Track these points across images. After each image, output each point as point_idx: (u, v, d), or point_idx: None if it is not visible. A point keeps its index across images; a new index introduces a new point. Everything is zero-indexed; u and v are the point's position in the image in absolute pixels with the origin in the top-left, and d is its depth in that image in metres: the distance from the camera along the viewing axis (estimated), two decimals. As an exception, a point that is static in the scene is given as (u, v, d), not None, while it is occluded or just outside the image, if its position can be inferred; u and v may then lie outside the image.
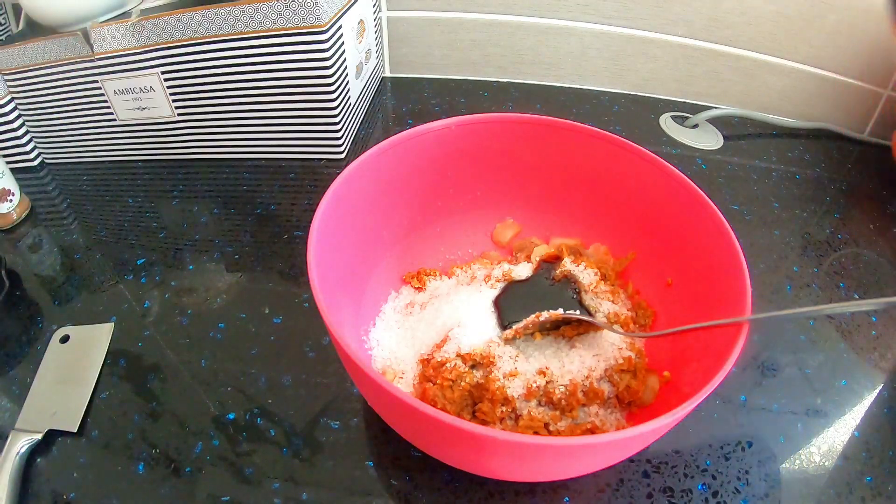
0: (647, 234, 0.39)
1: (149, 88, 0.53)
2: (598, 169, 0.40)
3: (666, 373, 0.33)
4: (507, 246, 0.44)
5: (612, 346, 0.35)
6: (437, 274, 0.42)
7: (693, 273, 0.35)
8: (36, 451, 0.34)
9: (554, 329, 0.36)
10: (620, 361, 0.34)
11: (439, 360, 0.33)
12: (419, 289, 0.41)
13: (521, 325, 0.35)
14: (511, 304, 0.36)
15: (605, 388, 0.34)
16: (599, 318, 0.36)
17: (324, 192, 0.33)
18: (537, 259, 0.40)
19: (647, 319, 0.38)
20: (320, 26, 0.48)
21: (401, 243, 0.41)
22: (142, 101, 0.54)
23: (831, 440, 0.36)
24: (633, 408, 0.34)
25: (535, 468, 0.27)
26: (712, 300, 0.32)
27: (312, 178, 0.57)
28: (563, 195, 0.42)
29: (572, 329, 0.36)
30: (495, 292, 0.38)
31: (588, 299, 0.37)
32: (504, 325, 0.35)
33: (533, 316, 0.35)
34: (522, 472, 0.28)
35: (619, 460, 0.32)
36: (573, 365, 0.34)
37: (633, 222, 0.40)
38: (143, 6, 0.51)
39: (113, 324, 0.42)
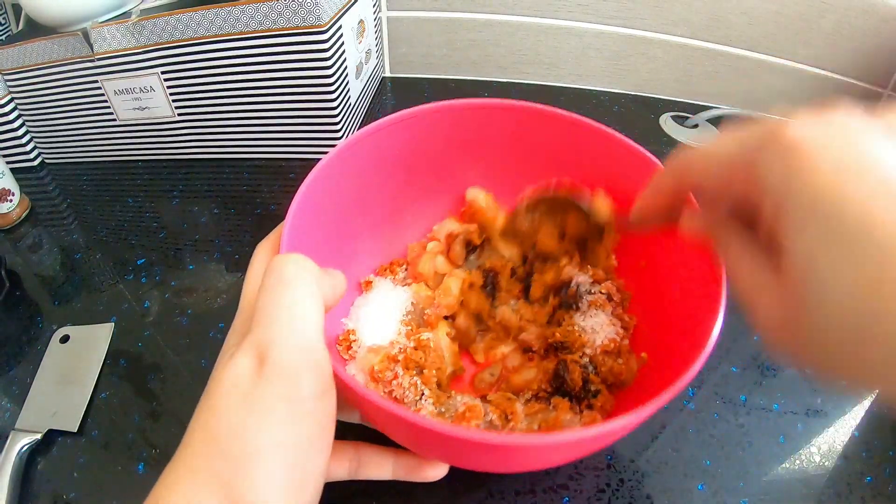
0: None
1: (149, 88, 0.53)
2: (569, 151, 0.38)
3: (643, 354, 0.34)
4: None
5: (601, 326, 0.35)
6: (405, 267, 0.42)
7: (670, 257, 0.35)
8: (36, 451, 0.34)
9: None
10: (606, 342, 0.34)
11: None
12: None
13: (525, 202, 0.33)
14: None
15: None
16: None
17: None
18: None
19: (625, 301, 0.38)
20: (320, 26, 0.48)
21: (375, 234, 0.41)
22: (142, 101, 0.54)
23: (831, 440, 0.36)
24: (613, 389, 0.34)
25: (504, 463, 0.28)
26: (688, 285, 0.32)
27: (312, 178, 0.57)
28: (534, 177, 0.41)
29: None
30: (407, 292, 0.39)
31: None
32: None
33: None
34: (491, 465, 0.29)
35: (591, 451, 0.32)
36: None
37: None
38: (143, 6, 0.51)
39: (113, 324, 0.42)
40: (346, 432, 0.31)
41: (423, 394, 0.32)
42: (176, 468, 0.20)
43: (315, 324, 0.22)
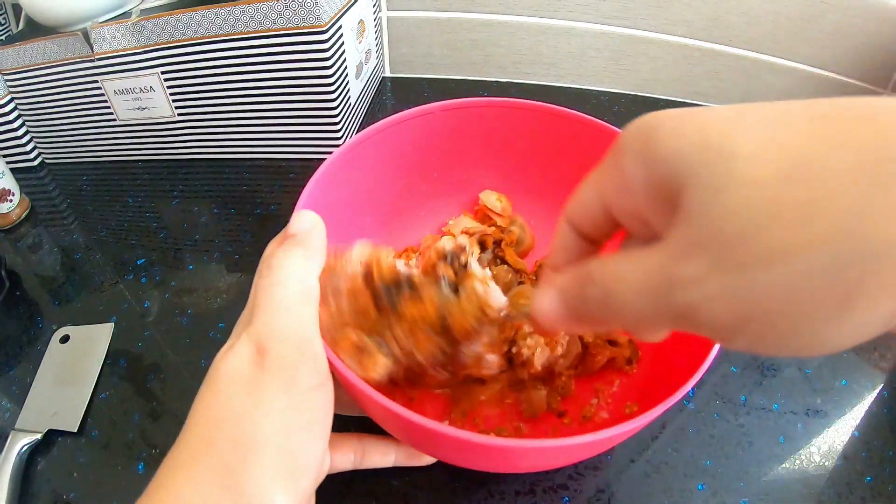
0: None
1: (149, 88, 0.53)
2: (579, 152, 0.39)
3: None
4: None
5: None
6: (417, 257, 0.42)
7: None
8: (36, 451, 0.35)
9: None
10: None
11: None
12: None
13: None
14: None
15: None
16: None
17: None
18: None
19: None
20: (320, 26, 0.48)
21: (385, 227, 0.41)
22: (142, 101, 0.54)
23: (831, 440, 0.36)
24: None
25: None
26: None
27: (312, 178, 0.57)
28: (548, 178, 0.42)
29: None
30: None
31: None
32: None
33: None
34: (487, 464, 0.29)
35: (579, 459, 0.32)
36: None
37: None
38: (143, 6, 0.51)
39: (113, 324, 0.42)
40: (349, 424, 0.31)
41: None
42: (180, 451, 0.20)
43: (311, 318, 0.23)
